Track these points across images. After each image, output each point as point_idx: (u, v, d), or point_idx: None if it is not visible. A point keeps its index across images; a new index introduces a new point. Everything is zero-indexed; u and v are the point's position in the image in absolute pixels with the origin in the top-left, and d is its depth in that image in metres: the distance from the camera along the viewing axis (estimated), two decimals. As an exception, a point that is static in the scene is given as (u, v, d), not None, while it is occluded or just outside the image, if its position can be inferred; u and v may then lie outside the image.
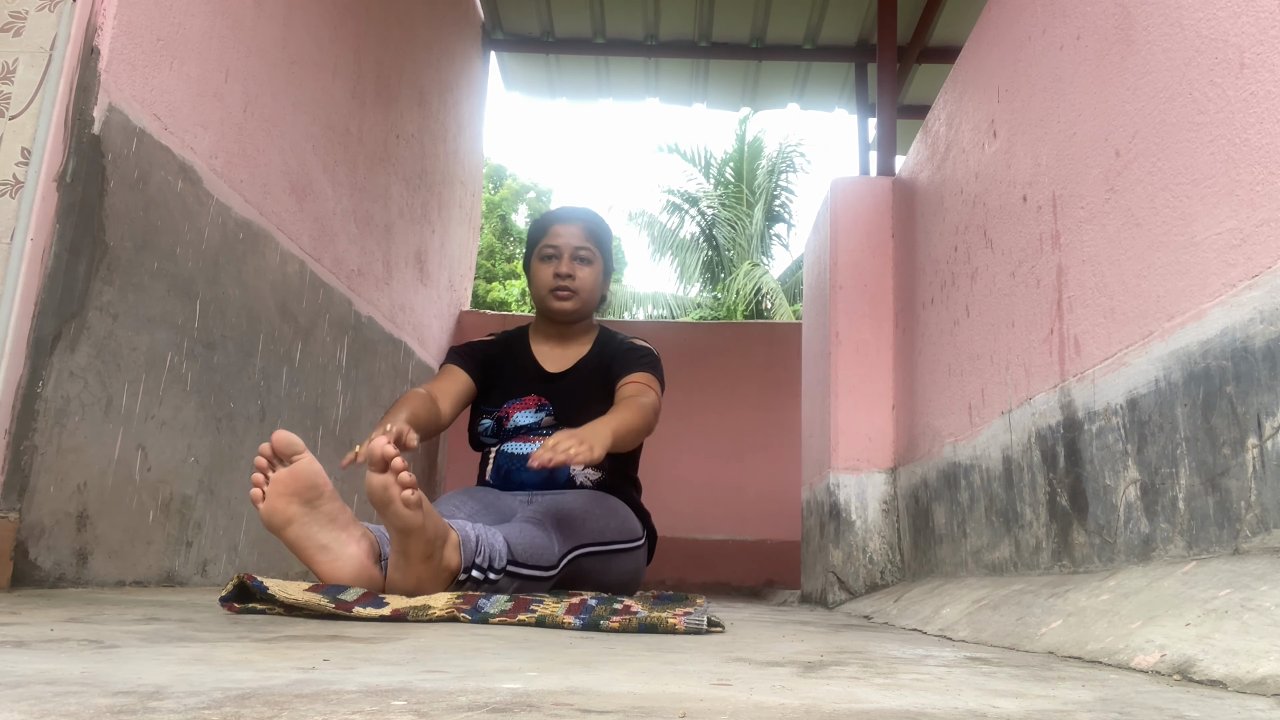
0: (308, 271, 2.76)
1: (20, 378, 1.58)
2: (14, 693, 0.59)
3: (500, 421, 2.11)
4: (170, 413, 2.03)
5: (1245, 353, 1.08)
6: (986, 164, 2.08)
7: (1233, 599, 0.93)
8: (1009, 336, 1.89)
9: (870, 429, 2.84)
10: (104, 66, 1.76)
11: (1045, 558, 1.65)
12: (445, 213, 4.39)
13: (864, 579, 2.70)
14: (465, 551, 1.55)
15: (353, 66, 3.09)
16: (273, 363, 2.55)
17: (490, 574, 1.60)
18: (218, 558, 2.27)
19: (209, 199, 2.17)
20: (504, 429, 2.10)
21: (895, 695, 0.71)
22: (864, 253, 2.97)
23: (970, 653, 1.14)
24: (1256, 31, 1.11)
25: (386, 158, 3.50)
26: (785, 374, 4.66)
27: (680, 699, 0.66)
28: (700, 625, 1.31)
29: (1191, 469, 1.20)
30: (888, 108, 3.44)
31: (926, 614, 1.76)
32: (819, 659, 0.99)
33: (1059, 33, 1.70)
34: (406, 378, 3.81)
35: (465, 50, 4.66)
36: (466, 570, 1.56)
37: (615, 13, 4.89)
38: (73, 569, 1.73)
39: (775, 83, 5.45)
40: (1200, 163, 1.22)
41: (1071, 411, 1.57)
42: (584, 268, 2.16)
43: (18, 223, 1.60)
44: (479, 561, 1.58)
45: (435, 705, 0.60)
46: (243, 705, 0.57)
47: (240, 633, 1.03)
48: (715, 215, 16.67)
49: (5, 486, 1.56)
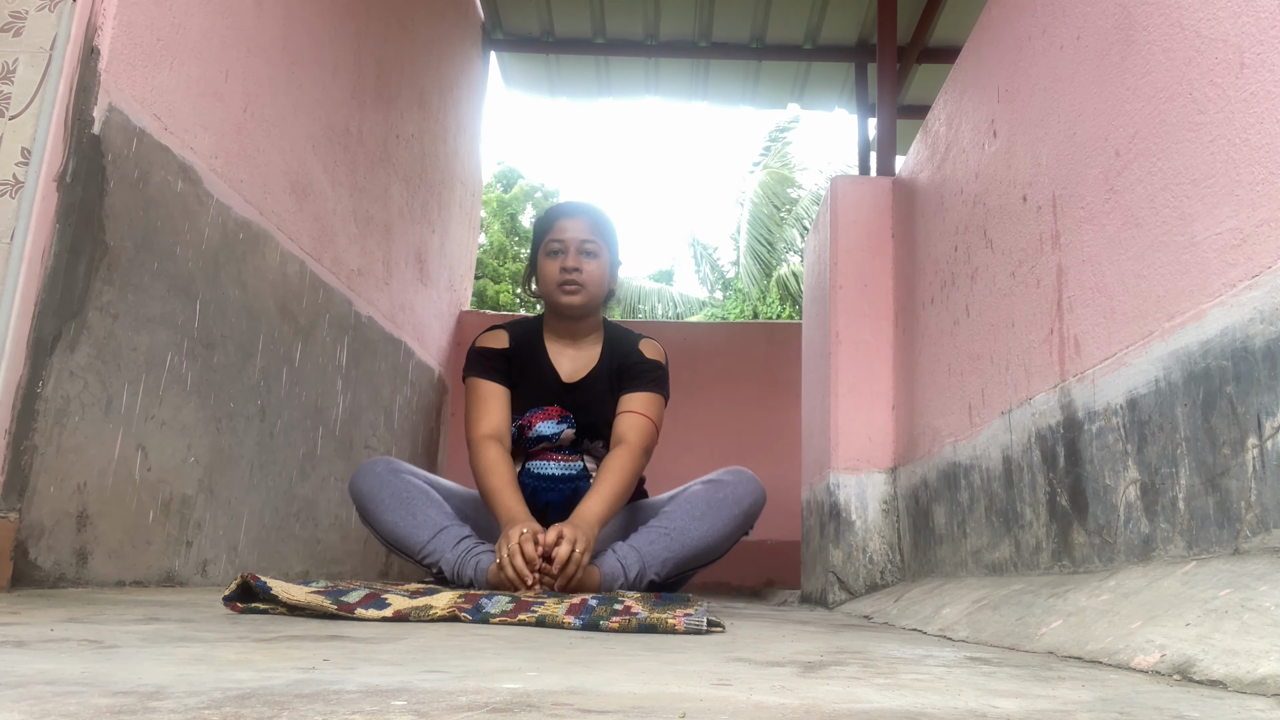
0: (308, 271, 2.76)
1: (20, 378, 1.58)
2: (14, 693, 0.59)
3: (522, 430, 2.10)
4: (170, 413, 2.03)
5: (1245, 353, 1.08)
6: (986, 164, 2.08)
7: (1233, 599, 0.93)
8: (1009, 336, 1.89)
9: (870, 429, 2.84)
10: (104, 66, 1.76)
11: (1045, 558, 1.65)
12: (445, 213, 4.39)
13: (864, 579, 2.70)
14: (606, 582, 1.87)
15: (353, 66, 3.09)
16: (273, 363, 2.55)
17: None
18: (218, 558, 2.28)
19: (209, 199, 2.17)
20: (525, 437, 2.10)
21: (895, 695, 0.71)
22: (864, 253, 2.96)
23: (970, 653, 1.14)
24: (1256, 31, 1.11)
25: (386, 158, 3.50)
26: (785, 374, 4.66)
27: (680, 699, 0.66)
28: (700, 625, 1.31)
29: (1191, 469, 1.20)
30: (888, 108, 3.44)
31: (926, 614, 1.76)
32: (819, 659, 0.99)
33: (1059, 33, 1.70)
34: (406, 378, 3.81)
35: (465, 50, 4.66)
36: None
37: (615, 12, 4.89)
38: (73, 569, 1.73)
39: (775, 82, 5.45)
40: (1200, 163, 1.22)
41: (1071, 411, 1.57)
42: (590, 261, 2.16)
43: (18, 223, 1.60)
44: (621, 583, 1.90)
45: (435, 705, 0.60)
46: (243, 705, 0.57)
47: (240, 633, 1.03)
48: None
49: (5, 486, 1.56)
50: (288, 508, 2.68)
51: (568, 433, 2.10)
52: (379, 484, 2.02)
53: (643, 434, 2.07)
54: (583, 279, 2.14)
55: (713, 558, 2.05)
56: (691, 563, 2.00)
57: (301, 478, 2.77)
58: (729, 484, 2.06)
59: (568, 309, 2.16)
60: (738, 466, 2.14)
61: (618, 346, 2.22)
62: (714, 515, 2.01)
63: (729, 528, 2.03)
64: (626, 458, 2.01)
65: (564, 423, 2.10)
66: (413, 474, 2.07)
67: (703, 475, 2.15)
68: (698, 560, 2.01)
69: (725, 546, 2.04)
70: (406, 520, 1.97)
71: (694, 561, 2.00)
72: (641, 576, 1.91)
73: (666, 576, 1.96)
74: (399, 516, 1.98)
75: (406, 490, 2.01)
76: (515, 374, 2.16)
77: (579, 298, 2.14)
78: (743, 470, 2.11)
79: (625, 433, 2.07)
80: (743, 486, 2.06)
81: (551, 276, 2.16)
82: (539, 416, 2.10)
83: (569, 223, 2.19)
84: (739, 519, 2.04)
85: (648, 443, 2.08)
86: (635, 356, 2.19)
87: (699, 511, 2.01)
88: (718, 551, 2.04)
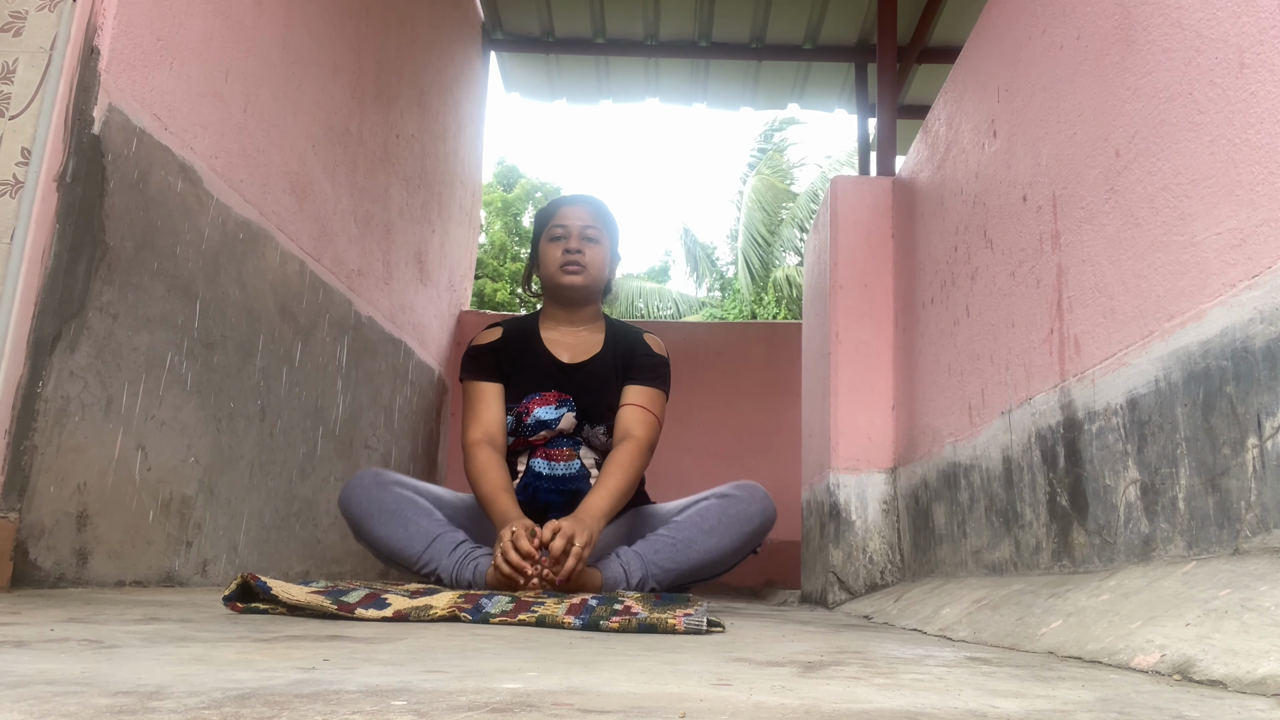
0: (308, 271, 2.76)
1: (20, 378, 1.58)
2: (14, 693, 0.59)
3: (520, 417, 2.09)
4: (170, 413, 2.03)
5: (1245, 353, 1.08)
6: (986, 164, 2.08)
7: (1233, 599, 0.93)
8: (1009, 336, 1.89)
9: (870, 429, 2.84)
10: (104, 66, 1.76)
11: (1045, 558, 1.65)
12: (445, 213, 4.39)
13: (864, 579, 2.70)
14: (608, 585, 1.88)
15: (353, 66, 3.09)
16: (273, 363, 2.55)
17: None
18: (218, 558, 2.27)
19: (209, 199, 2.17)
20: (524, 424, 2.08)
21: (895, 695, 0.71)
22: (864, 253, 2.97)
23: (970, 653, 1.14)
24: (1256, 31, 1.11)
25: (386, 158, 3.50)
26: (785, 374, 4.66)
27: (680, 699, 0.66)
28: (700, 625, 1.31)
29: (1191, 469, 1.20)
30: (888, 108, 3.44)
31: (926, 614, 1.76)
32: (819, 659, 0.99)
33: (1059, 33, 1.70)
34: (406, 378, 3.81)
35: (465, 50, 4.66)
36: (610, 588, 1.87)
37: (615, 13, 4.89)
38: (73, 569, 1.73)
39: (775, 83, 5.45)
40: (1200, 163, 1.22)
41: (1071, 411, 1.57)
42: (592, 246, 2.18)
43: (18, 223, 1.60)
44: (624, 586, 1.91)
45: (435, 705, 0.60)
46: (243, 705, 0.57)
47: (240, 633, 1.03)
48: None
49: (5, 486, 1.56)
50: (288, 508, 2.68)
51: (568, 417, 2.08)
52: (368, 499, 2.00)
53: (649, 429, 2.08)
54: (585, 260, 2.15)
55: (716, 572, 2.04)
56: (695, 575, 2.00)
57: (301, 478, 2.77)
58: (742, 500, 2.05)
59: (570, 289, 2.16)
60: (751, 482, 2.12)
61: (621, 338, 2.23)
62: (723, 530, 2.00)
63: (736, 544, 2.02)
64: (634, 453, 2.01)
65: (563, 406, 2.08)
66: (401, 484, 2.04)
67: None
68: (701, 573, 2.00)
69: (731, 562, 2.04)
70: (399, 533, 1.94)
71: (697, 574, 2.00)
72: (643, 584, 1.91)
73: (668, 586, 1.96)
74: (391, 530, 1.95)
75: (396, 502, 1.98)
76: (509, 364, 2.15)
77: (581, 278, 2.15)
78: (756, 486, 2.10)
79: (631, 427, 2.07)
80: (755, 504, 2.05)
81: (554, 259, 2.17)
82: (536, 403, 2.09)
83: (572, 210, 2.22)
84: (748, 536, 2.03)
85: (653, 438, 2.08)
86: (641, 349, 2.19)
87: (709, 525, 2.00)
88: (722, 566, 2.03)
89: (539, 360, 2.17)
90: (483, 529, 2.04)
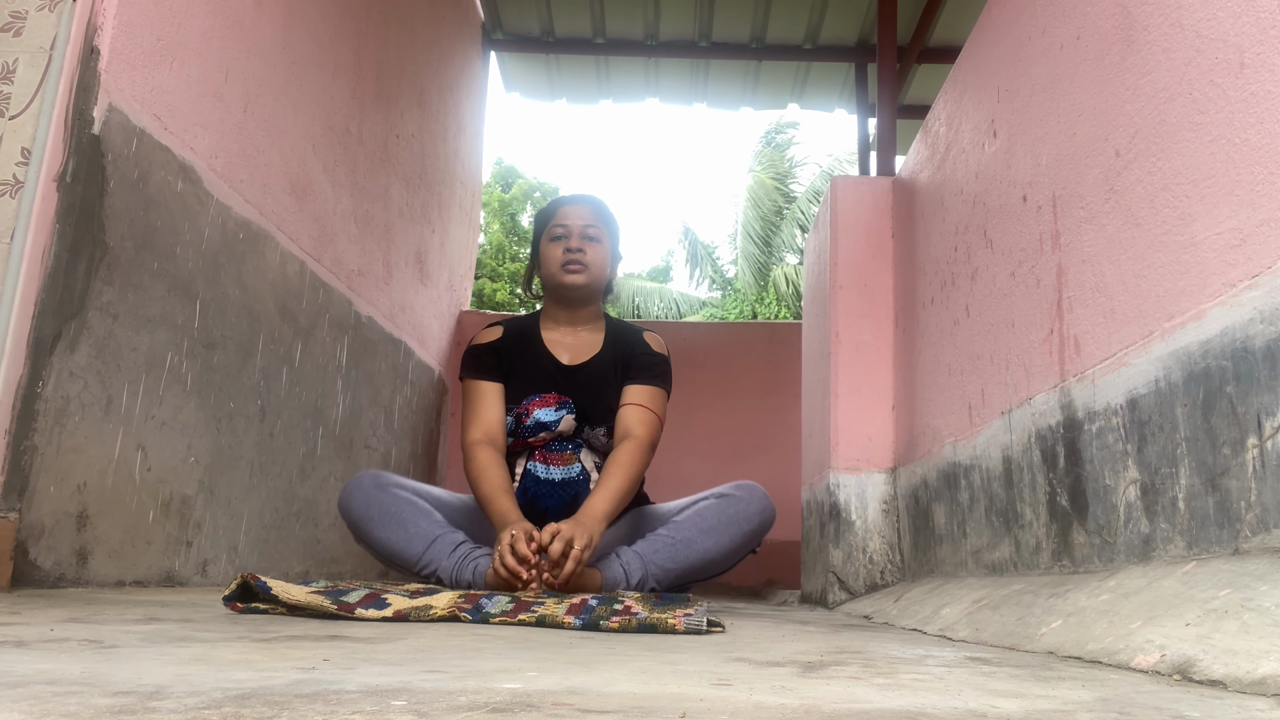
0: (308, 271, 2.76)
1: (20, 378, 1.58)
2: (14, 693, 0.59)
3: (520, 418, 2.09)
4: (170, 413, 2.03)
5: (1245, 353, 1.08)
6: (986, 164, 2.08)
7: (1233, 599, 0.93)
8: (1009, 336, 1.89)
9: (870, 429, 2.84)
10: (104, 66, 1.76)
11: (1045, 558, 1.65)
12: (445, 213, 4.39)
13: (864, 579, 2.70)
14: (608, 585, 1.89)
15: (353, 66, 3.09)
16: (273, 363, 2.55)
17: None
18: (218, 558, 2.27)
19: (209, 199, 2.17)
20: (523, 425, 2.08)
21: (895, 695, 0.71)
22: (864, 253, 2.97)
23: (970, 653, 1.14)
24: (1256, 31, 1.11)
25: (386, 158, 3.50)
26: (785, 374, 4.65)
27: (680, 699, 0.66)
28: (700, 625, 1.31)
29: (1191, 469, 1.20)
30: (888, 108, 3.44)
31: (926, 614, 1.76)
32: (819, 659, 0.99)
33: (1059, 33, 1.70)
34: (406, 378, 3.81)
35: (465, 50, 4.66)
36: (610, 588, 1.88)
37: (615, 13, 4.89)
38: (73, 569, 1.73)
39: (775, 83, 5.45)
40: (1200, 163, 1.22)
41: (1071, 411, 1.57)
42: (593, 245, 2.18)
43: (18, 223, 1.60)
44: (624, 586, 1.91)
45: (435, 705, 0.60)
46: (243, 705, 0.57)
47: (240, 633, 1.03)
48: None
49: (5, 486, 1.56)
50: (288, 508, 2.68)
51: (568, 419, 2.08)
52: (367, 502, 2.00)
53: (650, 429, 2.07)
54: (586, 259, 2.15)
55: (716, 572, 2.05)
56: (695, 574, 2.00)
57: (301, 478, 2.77)
58: (741, 500, 2.05)
59: (571, 288, 2.16)
60: (750, 482, 2.13)
61: (621, 337, 2.22)
62: (723, 530, 2.01)
63: (736, 544, 2.02)
64: (635, 453, 2.01)
65: (563, 409, 2.08)
66: (400, 486, 2.04)
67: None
68: (701, 573, 2.01)
69: (730, 562, 2.04)
70: (399, 535, 1.95)
71: (697, 574, 2.00)
72: (643, 583, 1.92)
73: (668, 586, 1.96)
74: (390, 532, 1.96)
75: (395, 504, 1.98)
76: (509, 364, 2.15)
77: (582, 277, 2.15)
78: (756, 487, 2.10)
79: (632, 426, 2.06)
80: (754, 504, 2.05)
81: (555, 258, 2.16)
82: (536, 404, 2.09)
83: (572, 209, 2.21)
84: (747, 536, 2.04)
85: (654, 438, 2.08)
86: (641, 348, 2.19)
87: (709, 525, 2.01)
88: (722, 566, 2.04)
89: (539, 361, 2.16)
90: (483, 530, 2.04)
